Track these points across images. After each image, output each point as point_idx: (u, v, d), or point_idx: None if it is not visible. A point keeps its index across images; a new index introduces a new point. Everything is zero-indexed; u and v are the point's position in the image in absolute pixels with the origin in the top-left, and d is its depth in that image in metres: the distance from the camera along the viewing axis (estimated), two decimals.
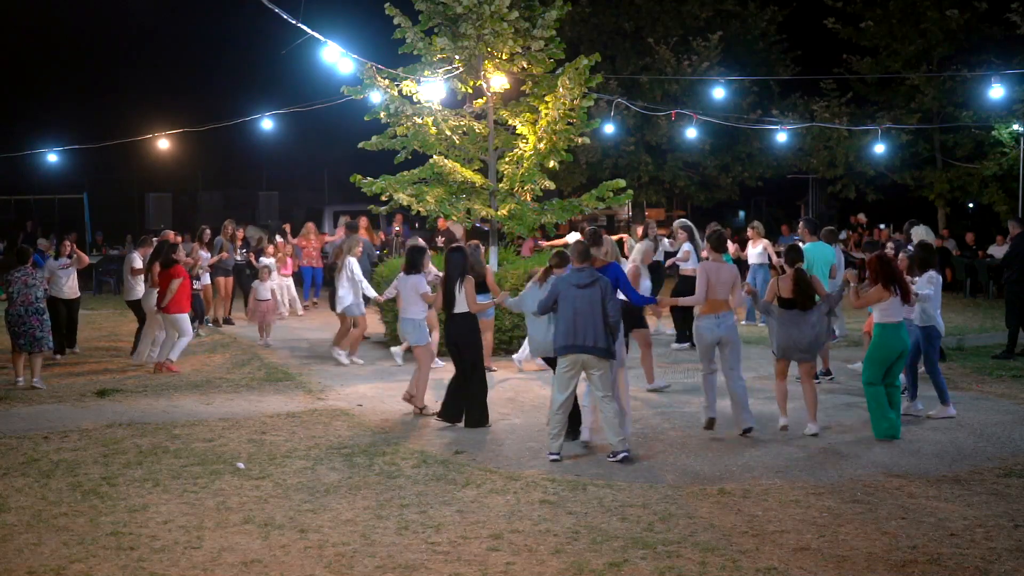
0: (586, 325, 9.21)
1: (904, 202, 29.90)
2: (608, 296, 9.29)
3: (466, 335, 10.90)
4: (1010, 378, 13.28)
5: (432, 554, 6.81)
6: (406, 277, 11.56)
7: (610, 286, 9.46)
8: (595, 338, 9.21)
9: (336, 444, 9.94)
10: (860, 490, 8.24)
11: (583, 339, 9.21)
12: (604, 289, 9.30)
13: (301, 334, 17.53)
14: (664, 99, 28.23)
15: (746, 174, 30.51)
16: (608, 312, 9.23)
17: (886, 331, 10.13)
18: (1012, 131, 24.63)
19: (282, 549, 6.93)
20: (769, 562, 6.60)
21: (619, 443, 9.24)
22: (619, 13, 30.15)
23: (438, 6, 15.36)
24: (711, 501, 7.97)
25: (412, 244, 12.79)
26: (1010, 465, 8.98)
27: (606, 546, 6.93)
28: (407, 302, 11.50)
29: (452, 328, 10.98)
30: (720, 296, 10.28)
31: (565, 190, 28.85)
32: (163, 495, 8.23)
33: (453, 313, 10.90)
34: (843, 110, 28.11)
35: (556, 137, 15.72)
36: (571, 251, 9.91)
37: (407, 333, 11.57)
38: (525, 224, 15.86)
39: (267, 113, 21.32)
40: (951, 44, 27.33)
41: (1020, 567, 6.49)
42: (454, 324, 10.93)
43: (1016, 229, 15.85)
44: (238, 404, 12.02)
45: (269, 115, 21.40)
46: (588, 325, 9.21)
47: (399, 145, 16.04)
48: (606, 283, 9.40)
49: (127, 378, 13.77)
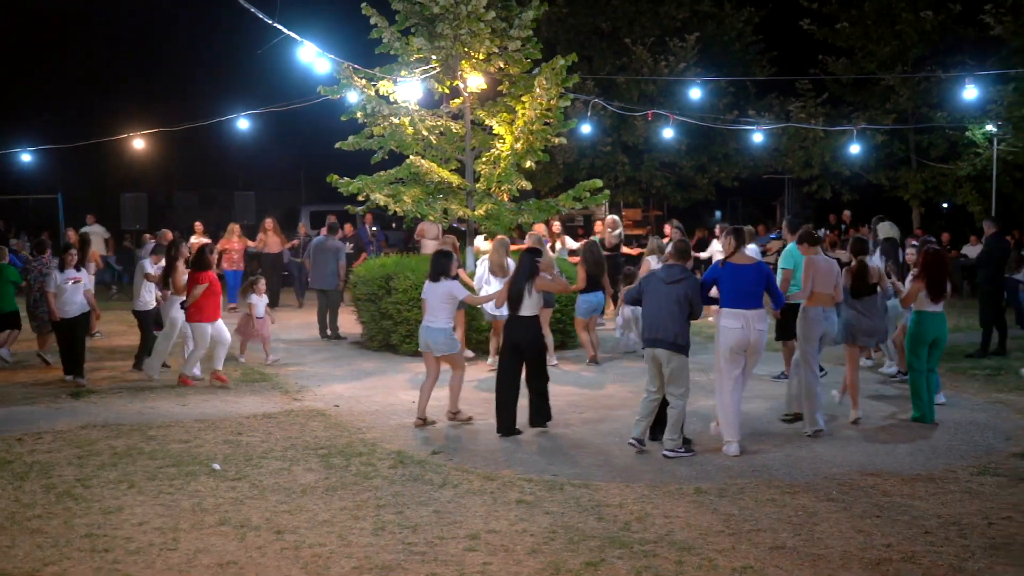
0: (665, 320, 9.42)
1: (879, 202, 30.04)
2: (691, 293, 9.45)
3: (530, 338, 10.53)
4: (984, 377, 13.39)
5: (409, 554, 6.80)
6: (434, 285, 10.86)
7: (696, 284, 9.59)
8: (674, 333, 9.42)
9: (313, 445, 9.91)
10: (835, 488, 8.28)
11: (660, 333, 9.46)
12: (689, 287, 9.46)
13: (277, 334, 17.46)
14: (641, 99, 28.27)
15: (722, 174, 30.58)
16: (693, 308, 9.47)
17: (921, 318, 10.88)
18: (986, 132, 24.79)
19: (258, 550, 6.91)
20: (745, 561, 6.62)
21: (668, 441, 9.43)
22: (596, 13, 30.18)
23: (415, 6, 15.35)
24: (687, 500, 7.98)
25: (439, 249, 11.97)
26: (984, 463, 9.05)
27: (583, 546, 6.93)
28: (435, 311, 10.78)
29: (516, 330, 10.58)
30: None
31: (542, 190, 28.84)
32: (138, 496, 8.19)
33: (519, 315, 10.53)
34: (819, 111, 28.22)
35: (533, 137, 15.75)
36: (671, 248, 9.97)
37: (439, 343, 10.74)
38: (502, 224, 15.86)
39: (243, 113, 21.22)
40: (926, 45, 27.49)
41: (994, 565, 6.53)
42: (520, 326, 10.54)
43: (990, 229, 15.98)
44: (214, 405, 11.97)
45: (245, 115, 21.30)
46: (667, 320, 9.41)
47: (376, 145, 16.04)
48: (693, 281, 9.55)
49: (102, 379, 13.68)
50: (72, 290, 13.35)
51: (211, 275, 13.24)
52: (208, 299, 13.15)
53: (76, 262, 13.62)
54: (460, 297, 10.90)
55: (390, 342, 15.84)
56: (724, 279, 9.76)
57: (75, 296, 13.38)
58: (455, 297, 10.82)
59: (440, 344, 10.75)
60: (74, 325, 13.42)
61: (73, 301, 13.36)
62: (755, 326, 9.63)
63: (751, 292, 9.69)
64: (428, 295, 10.93)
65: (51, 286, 13.36)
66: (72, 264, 13.51)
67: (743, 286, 9.69)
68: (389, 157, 16.39)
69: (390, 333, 15.77)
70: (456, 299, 10.86)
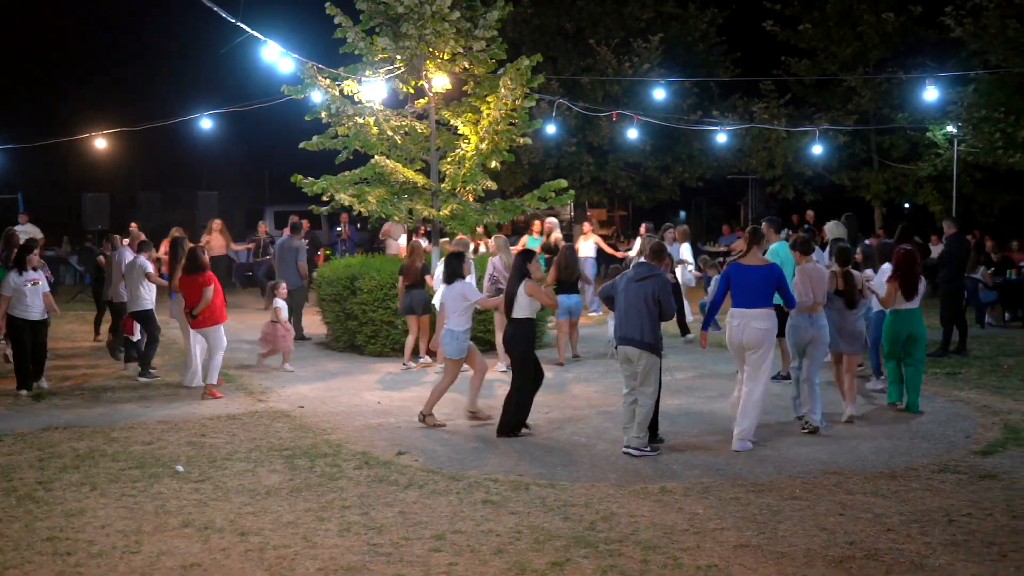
0: (633, 318, 9.49)
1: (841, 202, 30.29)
2: (660, 292, 9.46)
3: (513, 341, 10.43)
4: (944, 376, 13.52)
5: (374, 555, 6.79)
6: (448, 287, 10.86)
7: (665, 283, 9.60)
8: (641, 331, 9.46)
9: (277, 446, 9.86)
10: (799, 487, 8.34)
11: (628, 331, 9.53)
12: (656, 285, 9.49)
13: (241, 335, 17.35)
14: (605, 100, 28.36)
15: (686, 174, 30.74)
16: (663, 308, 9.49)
17: (896, 316, 11.39)
18: (946, 133, 25.06)
19: (222, 552, 6.86)
20: (710, 559, 6.66)
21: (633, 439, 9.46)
22: (561, 14, 30.24)
23: (379, 6, 15.31)
24: (652, 499, 8.01)
25: (452, 250, 11.94)
26: (944, 461, 9.14)
27: (548, 545, 6.94)
28: (450, 312, 10.78)
29: (506, 332, 10.64)
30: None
31: (507, 190, 28.88)
32: (100, 499, 8.12)
33: (511, 318, 10.47)
34: (782, 111, 28.43)
35: (498, 137, 15.76)
36: (646, 247, 10.04)
37: (445, 344, 10.82)
38: (467, 224, 15.86)
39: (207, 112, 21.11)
40: (887, 47, 27.78)
41: (955, 561, 6.60)
42: (509, 328, 10.53)
43: (951, 229, 16.14)
44: (177, 406, 11.89)
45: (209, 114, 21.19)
46: (635, 318, 9.47)
47: (340, 145, 15.99)
48: (661, 280, 9.58)
49: (63, 381, 13.56)
50: (32, 292, 12.67)
51: (212, 275, 12.70)
52: (216, 300, 12.67)
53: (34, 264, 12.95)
54: (472, 299, 10.85)
55: (355, 343, 15.80)
56: (732, 279, 9.99)
57: (36, 299, 12.71)
58: (467, 298, 10.76)
59: (445, 344, 10.75)
60: (34, 328, 12.77)
61: (35, 304, 12.69)
62: (753, 324, 9.75)
63: (755, 292, 9.85)
64: (445, 298, 10.87)
65: (7, 289, 12.62)
66: (32, 265, 12.85)
67: (746, 287, 9.87)
68: (354, 157, 16.34)
69: (355, 334, 15.72)
70: (468, 300, 10.79)
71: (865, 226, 24.75)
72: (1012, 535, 7.10)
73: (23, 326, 12.66)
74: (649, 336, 9.47)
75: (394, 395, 12.53)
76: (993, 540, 6.99)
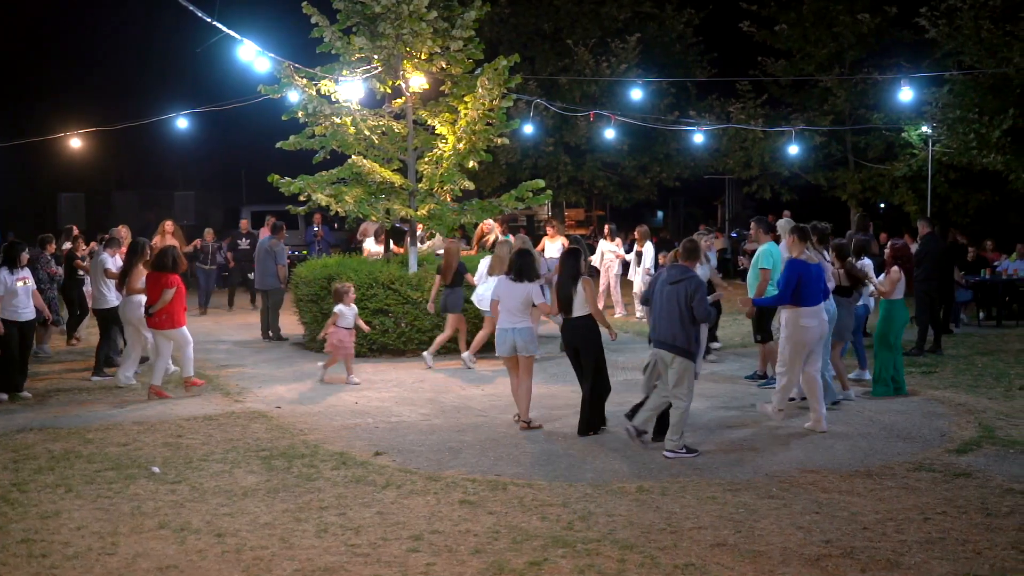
0: (664, 321, 9.52)
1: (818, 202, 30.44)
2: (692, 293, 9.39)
3: (585, 338, 10.36)
4: (920, 375, 13.59)
5: (352, 556, 6.77)
6: (514, 284, 10.59)
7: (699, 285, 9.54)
8: (672, 335, 9.46)
9: (254, 447, 9.83)
10: (775, 486, 8.37)
11: (660, 334, 9.58)
12: (690, 287, 9.42)
13: (218, 335, 17.30)
14: (583, 100, 28.39)
15: (664, 174, 30.81)
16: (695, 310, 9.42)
17: (893, 305, 12.13)
18: (921, 133, 25.20)
19: (198, 554, 6.84)
20: (687, 558, 6.68)
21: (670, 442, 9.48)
22: (538, 14, 30.25)
23: (356, 5, 15.29)
24: (630, 499, 8.03)
25: (520, 248, 11.70)
26: (920, 460, 9.19)
27: (526, 545, 6.95)
28: (516, 312, 10.52)
29: (571, 333, 10.49)
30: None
31: (485, 190, 28.88)
32: (76, 501, 8.07)
33: (572, 317, 10.37)
34: (758, 112, 28.54)
35: (475, 137, 15.75)
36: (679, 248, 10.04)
37: (527, 342, 10.48)
38: (444, 224, 15.85)
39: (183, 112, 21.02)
40: (863, 48, 27.93)
41: (930, 559, 6.64)
42: (573, 328, 10.42)
43: (925, 228, 16.25)
44: (153, 407, 11.83)
45: (185, 114, 21.11)
46: (666, 321, 9.50)
47: (317, 145, 15.94)
48: (695, 282, 9.50)
49: (38, 381, 13.47)
50: (23, 291, 12.30)
51: (177, 278, 12.41)
52: (176, 303, 12.36)
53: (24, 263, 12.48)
54: (538, 302, 10.71)
55: None
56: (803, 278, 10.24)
57: (26, 298, 12.34)
58: (532, 300, 10.63)
59: (529, 343, 10.55)
60: (22, 329, 12.37)
61: (25, 304, 12.31)
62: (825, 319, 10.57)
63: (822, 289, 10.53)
64: (503, 295, 10.68)
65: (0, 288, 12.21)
66: (22, 264, 12.39)
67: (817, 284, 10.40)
68: (331, 157, 16.30)
69: None
70: (537, 302, 10.68)
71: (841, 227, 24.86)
72: (986, 533, 7.15)
73: (11, 328, 12.20)
74: (682, 340, 9.43)
75: (371, 395, 12.50)
76: (967, 538, 7.03)
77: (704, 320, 9.66)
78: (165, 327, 12.33)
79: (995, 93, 22.90)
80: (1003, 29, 22.10)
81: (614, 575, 6.43)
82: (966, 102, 23.14)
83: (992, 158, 22.67)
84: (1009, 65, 21.86)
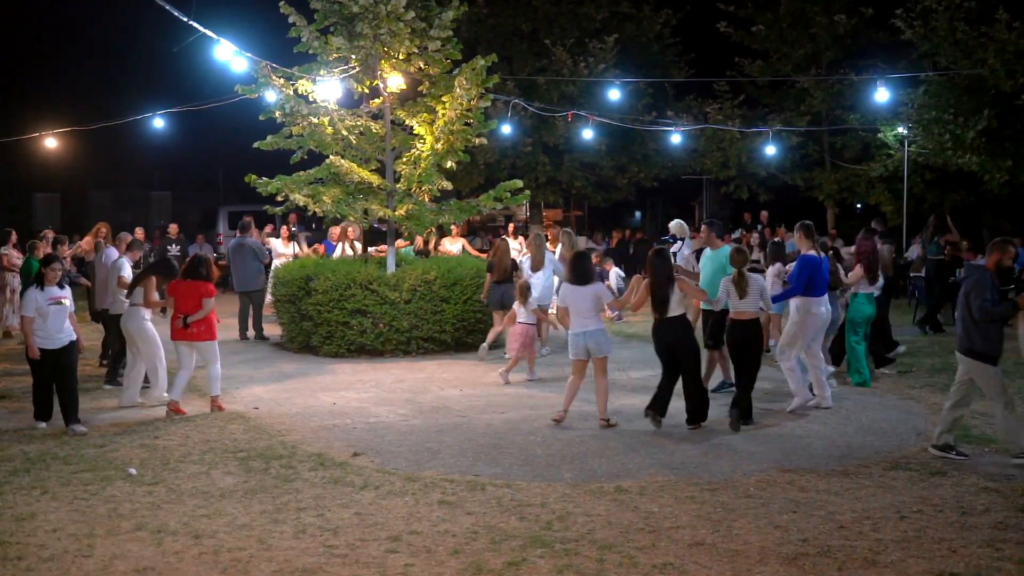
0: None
1: (795, 202, 30.58)
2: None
3: (681, 339, 10.42)
4: (896, 374, 13.67)
5: (330, 557, 6.76)
6: (579, 288, 10.59)
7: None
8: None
9: (231, 448, 9.80)
10: (753, 485, 8.40)
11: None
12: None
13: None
14: (561, 100, 28.37)
15: (642, 175, 30.82)
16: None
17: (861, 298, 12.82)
18: (897, 134, 25.36)
19: (176, 556, 6.81)
20: (665, 558, 6.69)
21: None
22: (516, 14, 30.21)
23: (334, 5, 15.27)
24: (608, 499, 8.04)
25: (579, 251, 11.73)
26: (896, 459, 9.24)
27: (505, 545, 6.95)
28: (586, 314, 10.53)
29: (665, 333, 10.50)
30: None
31: (463, 190, 28.82)
32: (52, 503, 8.03)
33: (667, 317, 10.40)
34: (735, 112, 28.65)
35: (453, 137, 15.75)
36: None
37: (602, 344, 10.53)
38: (423, 224, 15.84)
39: (160, 112, 20.92)
40: (839, 48, 28.08)
41: (906, 558, 6.68)
42: (669, 328, 10.45)
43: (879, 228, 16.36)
44: (129, 409, 11.77)
45: (161, 113, 21.01)
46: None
47: (295, 145, 15.91)
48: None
49: (15, 383, 13.38)
50: (56, 313, 10.53)
51: (213, 287, 11.71)
52: (212, 314, 11.67)
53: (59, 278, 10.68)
54: (606, 301, 10.80)
55: (311, 344, 15.73)
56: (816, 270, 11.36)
57: (59, 322, 10.55)
58: (601, 299, 10.67)
59: (604, 345, 10.58)
60: (60, 358, 10.61)
61: (60, 328, 10.55)
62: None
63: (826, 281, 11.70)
64: (570, 300, 10.66)
65: (29, 309, 10.50)
66: (55, 281, 10.58)
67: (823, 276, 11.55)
68: (308, 157, 16.27)
69: (311, 335, 15.64)
70: (601, 301, 10.70)
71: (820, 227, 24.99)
72: (962, 531, 7.19)
73: (43, 357, 10.56)
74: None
75: (350, 396, 12.48)
76: (943, 536, 7.08)
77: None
78: (203, 339, 11.56)
79: (970, 94, 23.04)
80: (978, 31, 22.25)
81: (593, 575, 6.44)
82: (941, 103, 23.28)
83: (967, 159, 22.82)
84: (984, 66, 22.01)
